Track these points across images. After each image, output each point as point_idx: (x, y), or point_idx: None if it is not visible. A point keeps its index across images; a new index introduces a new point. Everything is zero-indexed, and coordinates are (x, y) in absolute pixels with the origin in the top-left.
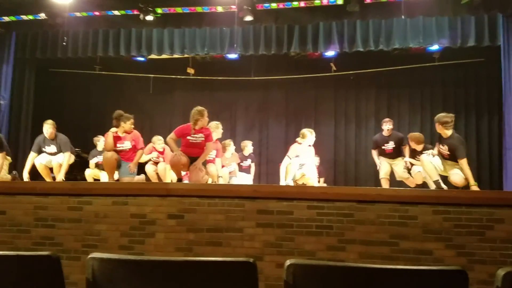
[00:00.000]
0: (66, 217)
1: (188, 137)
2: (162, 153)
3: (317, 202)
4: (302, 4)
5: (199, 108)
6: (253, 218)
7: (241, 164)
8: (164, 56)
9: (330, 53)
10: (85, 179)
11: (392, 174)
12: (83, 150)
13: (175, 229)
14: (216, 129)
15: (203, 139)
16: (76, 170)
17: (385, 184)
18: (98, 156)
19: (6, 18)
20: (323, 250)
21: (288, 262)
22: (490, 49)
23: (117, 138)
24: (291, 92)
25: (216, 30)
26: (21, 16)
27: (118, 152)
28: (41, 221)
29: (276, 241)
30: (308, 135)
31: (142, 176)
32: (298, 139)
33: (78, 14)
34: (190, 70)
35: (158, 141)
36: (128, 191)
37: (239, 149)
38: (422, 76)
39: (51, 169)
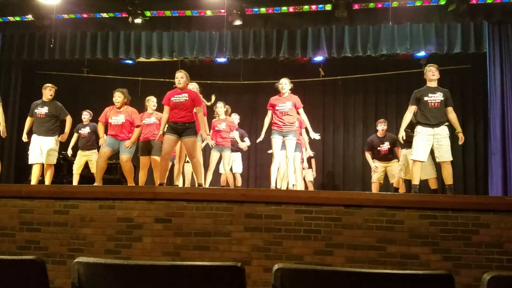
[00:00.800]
0: (52, 220)
1: (172, 99)
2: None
3: (305, 207)
4: (291, 9)
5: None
6: (241, 222)
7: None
8: (152, 59)
9: (318, 58)
10: (72, 183)
11: (385, 179)
12: (74, 153)
13: (162, 233)
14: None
15: (186, 99)
16: (62, 173)
17: (375, 189)
18: (82, 129)
19: None
20: (310, 254)
21: (276, 267)
22: (476, 56)
23: (113, 112)
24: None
25: (205, 34)
26: (8, 17)
27: (111, 126)
28: (26, 224)
29: (264, 245)
30: None
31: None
32: None
33: (66, 16)
34: None
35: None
36: (115, 195)
37: None
38: (409, 82)
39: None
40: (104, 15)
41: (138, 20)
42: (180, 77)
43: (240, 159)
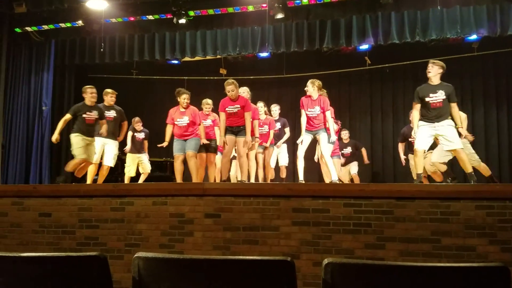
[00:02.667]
0: (109, 217)
1: (227, 109)
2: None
3: (354, 200)
4: None
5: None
6: (288, 217)
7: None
8: (197, 58)
9: (364, 46)
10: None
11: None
12: (123, 152)
13: (212, 227)
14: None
15: (239, 109)
16: (117, 172)
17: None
18: (137, 133)
19: (45, 27)
20: (361, 248)
21: (326, 261)
22: None
23: (178, 114)
24: (324, 89)
25: (248, 30)
26: (59, 24)
27: (177, 127)
28: (85, 222)
29: (313, 239)
30: None
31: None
32: None
33: (113, 20)
34: (223, 71)
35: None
36: (167, 192)
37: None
38: (460, 67)
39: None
40: (150, 17)
41: (182, 21)
42: (231, 89)
43: (286, 151)
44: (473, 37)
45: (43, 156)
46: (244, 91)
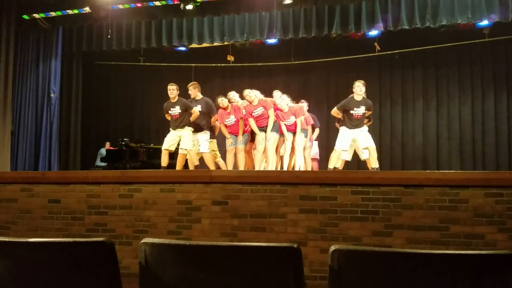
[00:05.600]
0: (117, 204)
1: (253, 113)
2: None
3: (361, 187)
4: None
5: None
6: (295, 204)
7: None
8: (204, 44)
9: (373, 32)
10: (134, 168)
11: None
12: (130, 139)
13: (219, 215)
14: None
15: (263, 110)
16: (125, 159)
17: None
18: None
19: (53, 14)
20: (368, 235)
21: (332, 248)
22: None
23: (226, 115)
24: (333, 75)
25: (255, 16)
26: (67, 10)
27: (226, 126)
28: (93, 208)
29: (320, 227)
30: None
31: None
32: None
33: (120, 6)
34: (230, 58)
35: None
36: (174, 179)
37: None
38: (471, 54)
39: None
40: (157, 3)
41: (189, 7)
42: (254, 96)
43: (317, 145)
44: (484, 22)
45: (52, 143)
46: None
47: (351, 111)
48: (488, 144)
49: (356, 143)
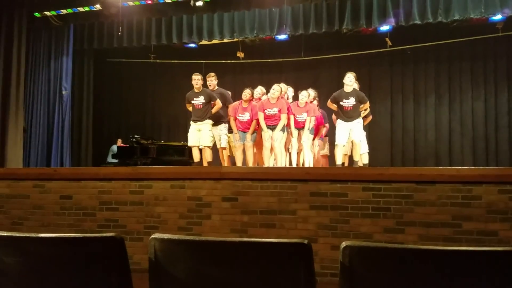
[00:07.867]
0: (128, 200)
1: (266, 112)
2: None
3: (373, 184)
4: None
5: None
6: (305, 201)
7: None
8: (214, 41)
9: (385, 27)
10: (145, 165)
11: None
12: (141, 136)
13: (229, 211)
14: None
15: (276, 112)
16: (136, 155)
17: None
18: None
19: (64, 11)
20: (380, 232)
21: (344, 244)
22: None
23: (241, 110)
24: (343, 71)
25: (265, 12)
26: (78, 8)
27: (238, 122)
28: (105, 204)
29: (331, 223)
30: None
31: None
32: None
33: (131, 3)
34: (240, 54)
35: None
36: (184, 175)
37: None
38: (484, 48)
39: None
40: (167, 0)
41: (199, 3)
42: (276, 90)
43: (327, 141)
44: (498, 17)
45: (64, 140)
46: (283, 88)
47: (341, 103)
48: (501, 140)
49: (351, 135)
